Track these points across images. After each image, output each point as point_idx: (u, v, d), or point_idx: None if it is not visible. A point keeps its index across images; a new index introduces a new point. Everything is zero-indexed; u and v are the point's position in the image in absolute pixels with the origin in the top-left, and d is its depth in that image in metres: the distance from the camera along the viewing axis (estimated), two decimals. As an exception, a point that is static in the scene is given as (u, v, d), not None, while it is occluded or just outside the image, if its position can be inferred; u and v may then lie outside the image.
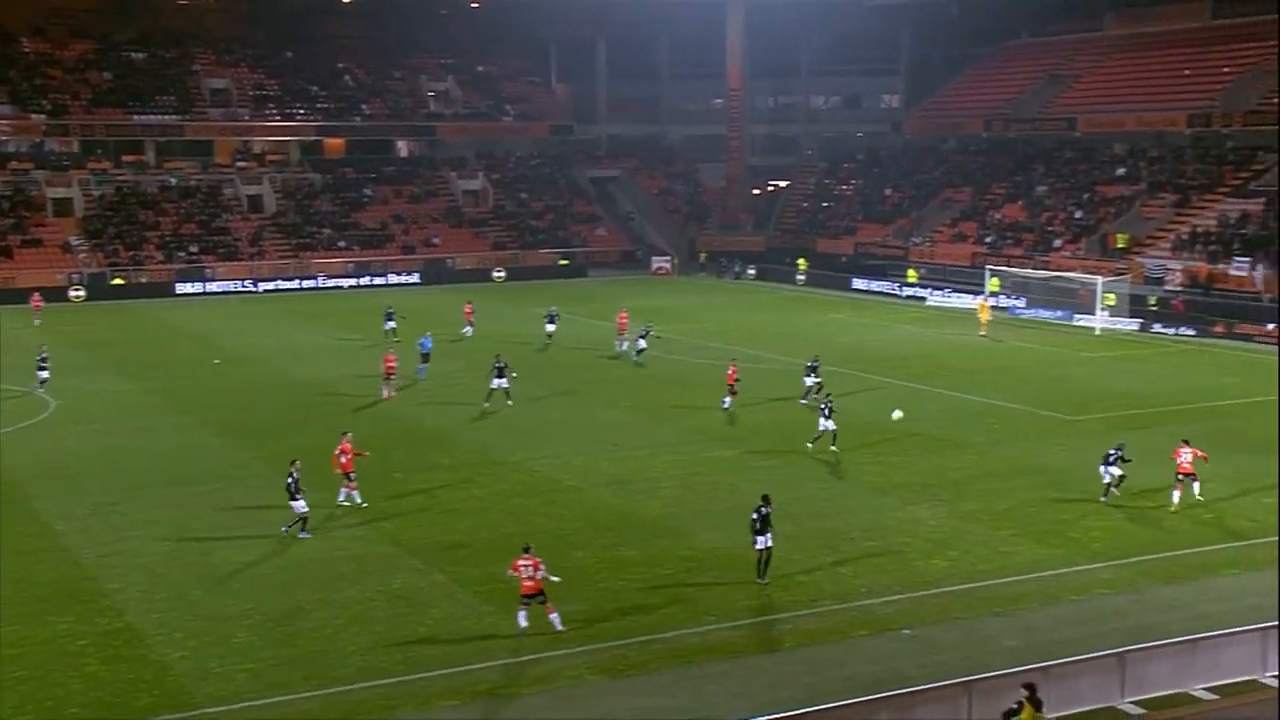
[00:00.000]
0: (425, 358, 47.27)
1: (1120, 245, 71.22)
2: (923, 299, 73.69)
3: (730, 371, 42.89)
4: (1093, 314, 62.93)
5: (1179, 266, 67.07)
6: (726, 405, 41.93)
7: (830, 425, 36.07)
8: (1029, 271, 69.19)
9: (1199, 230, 69.59)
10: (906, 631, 23.71)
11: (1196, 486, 31.39)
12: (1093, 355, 54.71)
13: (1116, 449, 32.04)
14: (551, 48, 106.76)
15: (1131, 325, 62.15)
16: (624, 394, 44.94)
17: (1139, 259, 69.54)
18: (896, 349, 55.68)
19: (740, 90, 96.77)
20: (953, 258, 79.19)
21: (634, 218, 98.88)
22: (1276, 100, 74.88)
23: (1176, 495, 31.26)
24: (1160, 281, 66.59)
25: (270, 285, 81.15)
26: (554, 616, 23.70)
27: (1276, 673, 21.67)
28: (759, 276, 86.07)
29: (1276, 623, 22.03)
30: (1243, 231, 67.59)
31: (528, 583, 23.67)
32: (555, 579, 24.16)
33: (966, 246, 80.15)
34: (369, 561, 27.49)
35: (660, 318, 58.52)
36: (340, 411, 42.12)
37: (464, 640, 23.43)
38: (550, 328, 55.82)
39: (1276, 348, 54.19)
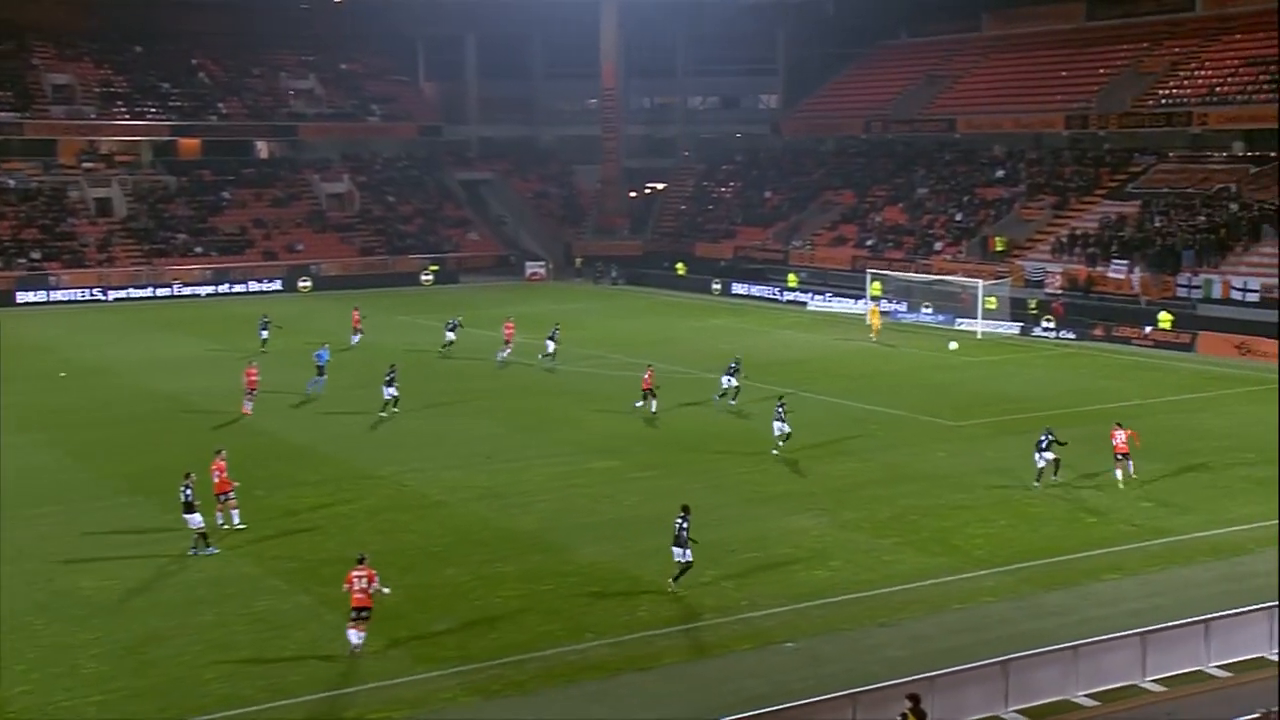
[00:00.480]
0: (321, 370, 46.29)
1: (1000, 248, 71.74)
2: (803, 304, 73.78)
3: (647, 376, 43.16)
4: (974, 318, 63.29)
5: (1059, 269, 67.54)
6: (639, 406, 42.47)
7: (785, 428, 36.69)
8: (910, 275, 69.33)
9: (1078, 233, 70.20)
10: (789, 645, 23.70)
11: (1131, 465, 33.53)
12: (974, 359, 54.82)
13: (1046, 434, 33.59)
14: (419, 45, 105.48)
15: (1012, 329, 62.50)
16: (499, 404, 44.69)
17: (1019, 262, 70.07)
18: (777, 354, 55.70)
19: (615, 90, 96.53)
20: (834, 262, 79.21)
21: (507, 222, 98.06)
22: (1150, 103, 76.46)
23: (1119, 473, 33.48)
24: (1040, 284, 66.96)
25: (121, 294, 79.33)
26: (358, 638, 23.25)
27: (1155, 677, 22.09)
28: (634, 281, 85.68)
29: (1154, 627, 22.68)
30: (1120, 234, 68.20)
31: (358, 595, 23.44)
32: (386, 591, 23.96)
33: (847, 250, 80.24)
34: (229, 584, 26.94)
35: (536, 326, 57.98)
36: (200, 427, 41.23)
37: (331, 664, 23.09)
38: (450, 335, 55.69)
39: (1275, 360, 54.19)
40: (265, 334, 55.98)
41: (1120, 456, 33.69)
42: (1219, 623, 22.91)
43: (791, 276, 78.39)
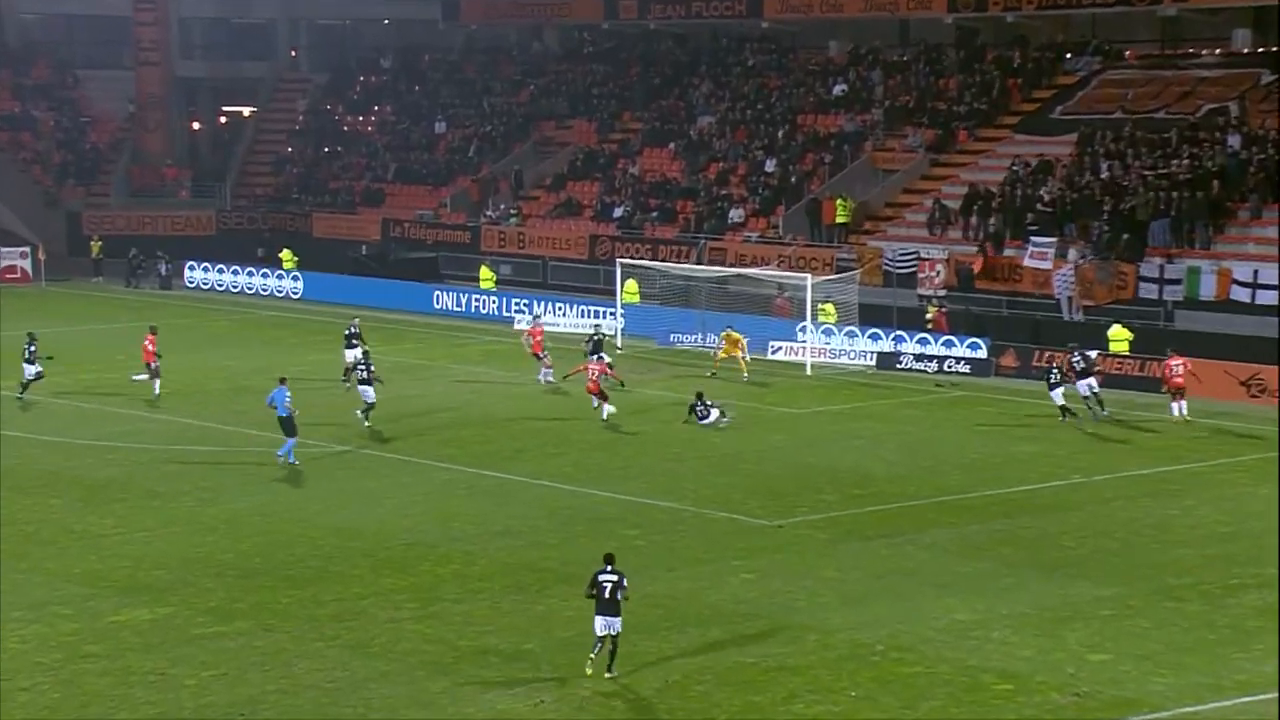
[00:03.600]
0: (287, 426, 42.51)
1: (842, 218, 67.00)
2: (506, 320, 67.48)
3: (536, 336, 49.53)
4: (800, 339, 57.99)
5: (940, 254, 61.24)
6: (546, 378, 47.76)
7: (714, 416, 43.35)
8: (690, 269, 64.33)
9: (976, 189, 64.03)
10: None
11: (1184, 405, 39.91)
12: (801, 411, 50.58)
13: (1079, 352, 39.02)
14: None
15: (863, 358, 57.18)
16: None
17: (873, 242, 64.70)
18: (453, 409, 50.39)
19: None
20: (559, 245, 74.57)
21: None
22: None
23: (1175, 409, 40.24)
24: (909, 280, 61.52)
25: None
26: None
27: None
28: (203, 282, 78.18)
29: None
30: (1043, 194, 62.29)
31: None
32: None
33: (581, 225, 75.43)
34: None
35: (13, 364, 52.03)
36: None
37: None
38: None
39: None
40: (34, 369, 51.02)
41: (1175, 391, 39.63)
42: None
43: (486, 272, 72.18)
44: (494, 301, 69.90)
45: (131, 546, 34.82)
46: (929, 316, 58.25)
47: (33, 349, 49.26)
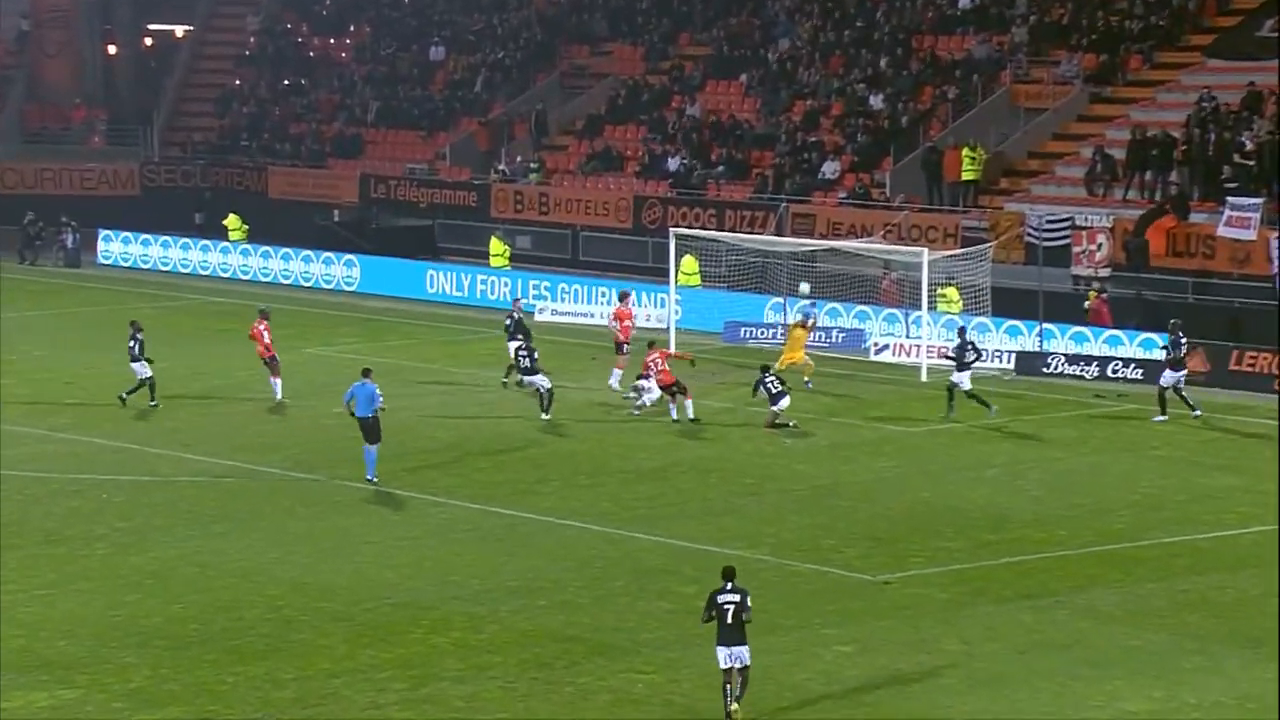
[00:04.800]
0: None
1: (969, 174, 67.61)
2: (526, 309, 66.96)
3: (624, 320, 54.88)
4: (913, 334, 58.79)
5: (1103, 222, 61.75)
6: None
7: (785, 403, 47.43)
8: (768, 240, 64.77)
9: (1148, 135, 64.40)
10: None
11: None
12: (915, 430, 50.57)
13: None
14: None
15: (999, 362, 57.49)
16: None
17: (1011, 206, 65.38)
18: (472, 424, 51.45)
19: None
20: (592, 211, 75.81)
21: None
22: None
23: None
24: (1062, 255, 61.61)
25: None
26: None
27: None
28: (124, 258, 79.34)
29: None
30: (1250, 138, 62.69)
31: None
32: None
33: (624, 183, 76.94)
34: None
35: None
36: None
37: None
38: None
39: None
40: None
41: None
42: None
43: (497, 246, 72.94)
44: (506, 284, 70.33)
45: (27, 610, 34.59)
46: (1087, 305, 58.75)
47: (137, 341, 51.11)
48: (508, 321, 54.61)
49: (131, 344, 52.73)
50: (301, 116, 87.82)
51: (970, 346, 50.43)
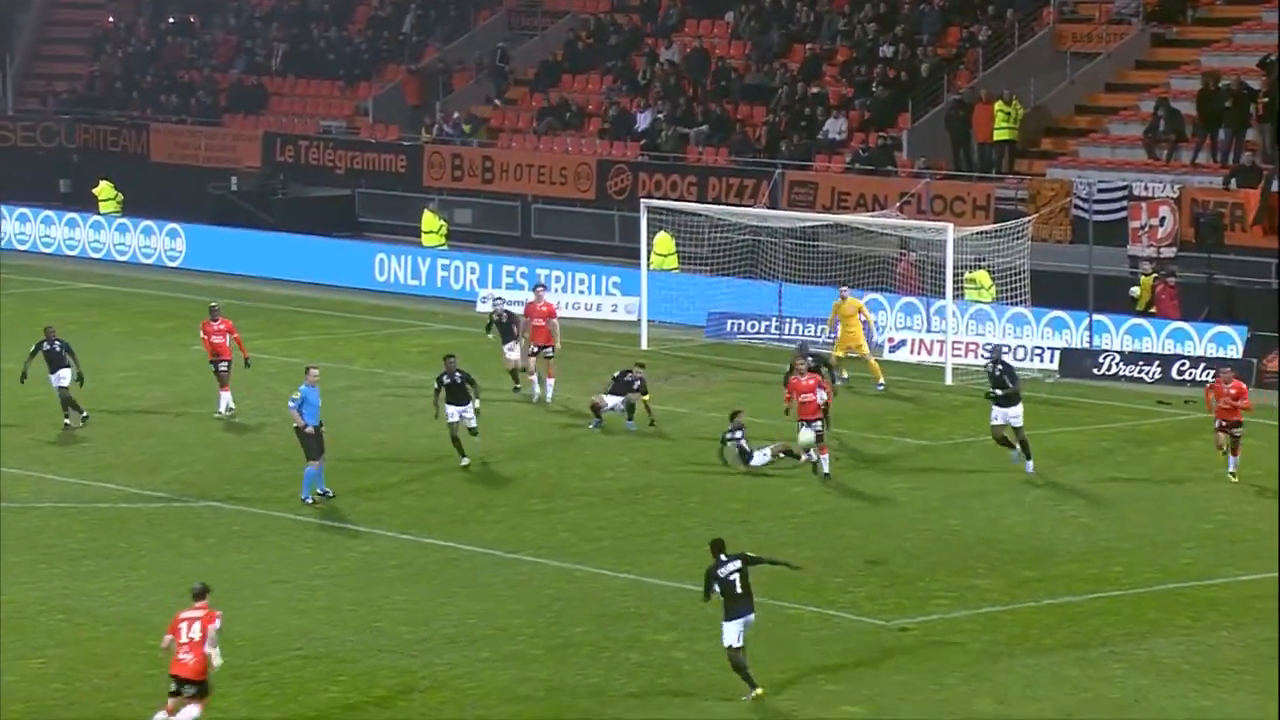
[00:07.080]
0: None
1: (1003, 133, 68.87)
2: (468, 297, 69.49)
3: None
4: (936, 327, 59.52)
5: (1166, 191, 62.35)
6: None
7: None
8: (760, 214, 65.72)
9: (1221, 85, 65.23)
10: None
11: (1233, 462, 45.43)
12: (938, 444, 51.24)
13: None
14: None
15: (1040, 361, 58.34)
16: None
17: (1054, 172, 66.45)
18: (401, 438, 52.12)
19: None
20: (547, 179, 77.44)
21: None
22: None
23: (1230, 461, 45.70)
24: (1118, 233, 62.40)
25: None
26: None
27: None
28: None
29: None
30: None
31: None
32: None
33: (585, 144, 78.72)
34: None
35: None
36: None
37: None
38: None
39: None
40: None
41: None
42: None
43: (431, 221, 74.22)
44: (443, 267, 71.11)
45: None
46: (1135, 291, 59.11)
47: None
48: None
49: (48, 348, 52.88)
50: (191, 62, 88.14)
51: (1007, 373, 47.54)
